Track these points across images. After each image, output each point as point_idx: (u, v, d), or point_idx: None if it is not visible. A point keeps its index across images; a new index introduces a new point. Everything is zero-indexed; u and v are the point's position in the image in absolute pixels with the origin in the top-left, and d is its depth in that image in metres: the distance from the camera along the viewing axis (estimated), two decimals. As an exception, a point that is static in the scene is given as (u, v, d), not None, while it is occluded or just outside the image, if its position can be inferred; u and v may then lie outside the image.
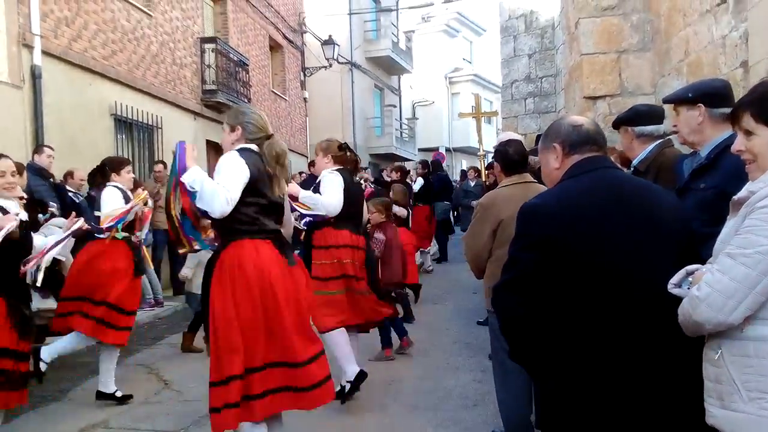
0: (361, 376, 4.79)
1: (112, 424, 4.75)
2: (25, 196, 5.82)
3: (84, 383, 5.72)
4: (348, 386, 4.79)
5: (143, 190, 5.42)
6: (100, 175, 5.54)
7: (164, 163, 9.71)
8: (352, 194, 4.95)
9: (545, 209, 2.14)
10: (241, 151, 3.35)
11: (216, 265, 3.30)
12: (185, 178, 3.24)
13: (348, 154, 5.05)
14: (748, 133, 1.91)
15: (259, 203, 3.34)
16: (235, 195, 3.18)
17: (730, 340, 1.81)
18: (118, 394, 5.11)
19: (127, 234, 5.15)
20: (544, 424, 2.21)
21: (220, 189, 3.14)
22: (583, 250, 2.05)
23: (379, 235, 6.39)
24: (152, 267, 8.56)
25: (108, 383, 5.10)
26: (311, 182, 5.16)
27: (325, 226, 4.84)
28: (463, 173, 18.68)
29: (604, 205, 2.11)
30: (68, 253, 4.77)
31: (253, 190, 3.29)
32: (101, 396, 5.08)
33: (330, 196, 4.74)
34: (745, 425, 1.75)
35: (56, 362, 5.09)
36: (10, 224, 3.54)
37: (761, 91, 1.95)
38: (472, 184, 12.73)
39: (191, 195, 3.25)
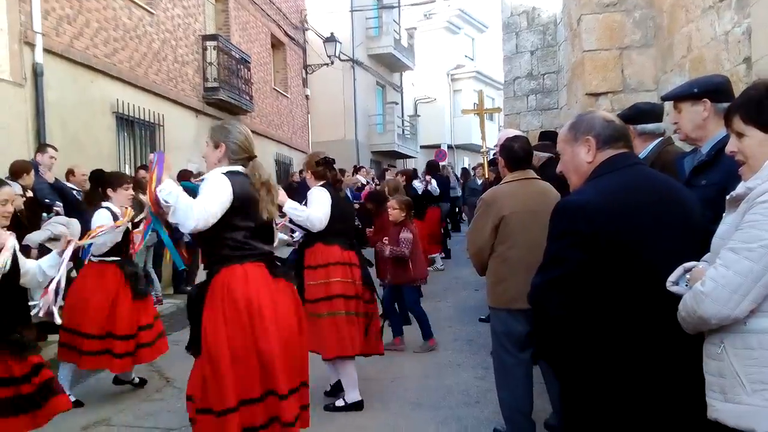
0: (359, 405, 4.79)
1: (115, 421, 4.76)
2: (30, 194, 5.86)
3: (86, 381, 5.73)
4: (342, 402, 4.81)
5: (130, 208, 5.22)
6: (97, 191, 5.37)
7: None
8: (341, 210, 4.89)
9: (592, 205, 2.11)
10: (229, 173, 3.27)
11: (207, 290, 3.23)
12: (160, 192, 3.14)
13: (329, 171, 4.94)
14: (740, 135, 1.96)
15: (248, 227, 3.27)
16: (211, 213, 3.10)
17: (732, 333, 1.83)
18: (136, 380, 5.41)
19: (117, 258, 5.07)
20: (571, 426, 2.20)
21: (195, 205, 3.07)
22: (634, 246, 2.06)
23: (405, 234, 6.41)
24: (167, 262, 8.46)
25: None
26: (306, 186, 5.11)
27: (316, 243, 4.78)
28: (465, 171, 18.64)
29: (644, 201, 2.13)
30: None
31: (241, 213, 3.22)
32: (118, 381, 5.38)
33: (316, 210, 4.68)
34: (750, 417, 1.77)
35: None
36: (6, 254, 3.41)
37: (750, 94, 1.99)
38: (479, 182, 12.66)
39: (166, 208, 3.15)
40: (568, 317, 2.09)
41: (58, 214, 6.70)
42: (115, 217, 5.01)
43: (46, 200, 6.92)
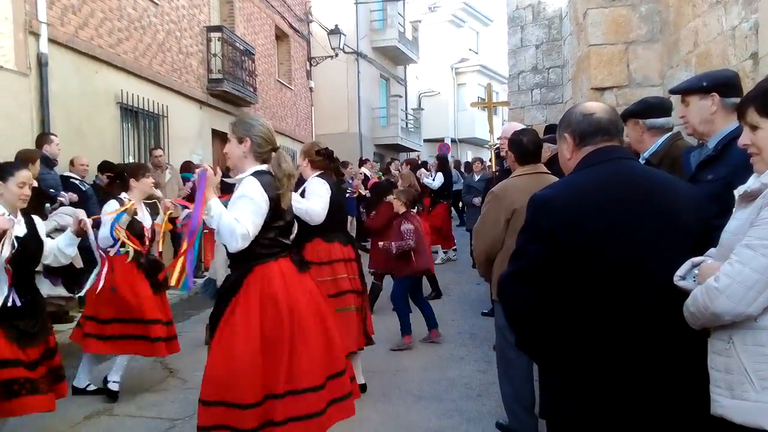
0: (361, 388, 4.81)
1: (117, 411, 4.78)
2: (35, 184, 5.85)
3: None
4: None
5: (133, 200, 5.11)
6: (118, 182, 5.36)
7: (163, 150, 9.77)
8: (339, 201, 4.87)
9: (554, 201, 2.12)
10: (258, 175, 3.30)
11: (240, 289, 3.23)
12: (205, 215, 3.19)
13: (328, 161, 4.90)
14: (754, 128, 1.94)
15: (279, 226, 3.34)
16: (253, 231, 3.16)
17: (742, 330, 1.81)
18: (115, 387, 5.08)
19: (133, 249, 4.94)
20: (547, 413, 2.21)
21: (238, 226, 3.11)
22: (590, 245, 2.04)
23: (407, 225, 6.41)
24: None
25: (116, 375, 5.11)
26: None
27: (315, 237, 4.70)
28: (468, 165, 18.39)
29: (616, 198, 2.08)
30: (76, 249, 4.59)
31: (272, 215, 3.27)
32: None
33: (316, 203, 4.62)
34: (758, 414, 1.76)
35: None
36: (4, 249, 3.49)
37: (765, 86, 1.98)
38: (477, 178, 11.50)
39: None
40: (535, 308, 2.10)
41: (62, 204, 6.71)
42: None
43: (51, 191, 6.94)
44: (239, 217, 3.14)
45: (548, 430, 2.26)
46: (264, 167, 3.37)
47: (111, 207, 4.93)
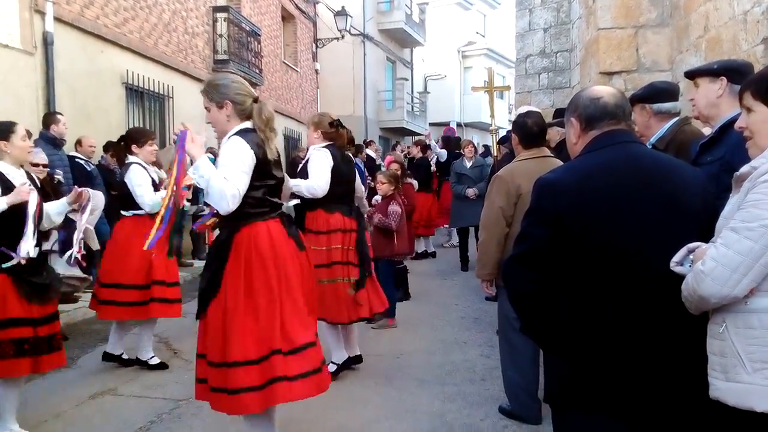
0: (348, 362, 4.87)
1: (122, 391, 4.80)
2: (46, 162, 5.85)
3: (94, 350, 5.78)
4: (333, 367, 4.79)
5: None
6: (123, 149, 5.38)
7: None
8: (343, 172, 4.83)
9: (559, 184, 2.12)
10: (242, 133, 3.22)
11: (231, 248, 3.21)
12: (192, 173, 3.14)
13: (340, 130, 4.89)
14: (749, 110, 1.98)
15: (267, 184, 3.28)
16: (242, 189, 3.12)
17: (734, 313, 1.85)
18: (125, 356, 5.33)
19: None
20: (552, 397, 2.21)
21: (227, 186, 3.06)
22: (595, 228, 2.03)
23: (394, 207, 6.38)
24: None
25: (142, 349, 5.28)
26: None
27: (318, 208, 4.74)
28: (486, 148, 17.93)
29: (621, 182, 2.07)
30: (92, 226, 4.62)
31: (260, 172, 3.21)
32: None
33: (315, 178, 4.62)
34: (750, 395, 1.79)
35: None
36: (31, 197, 3.66)
37: (763, 72, 2.04)
38: (468, 165, 9.95)
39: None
40: (538, 291, 2.11)
41: (60, 183, 6.68)
42: (148, 172, 5.10)
43: (57, 171, 6.90)
44: (228, 176, 3.09)
45: (553, 414, 2.26)
46: (248, 124, 3.30)
47: (137, 173, 5.01)
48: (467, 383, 4.88)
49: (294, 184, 4.63)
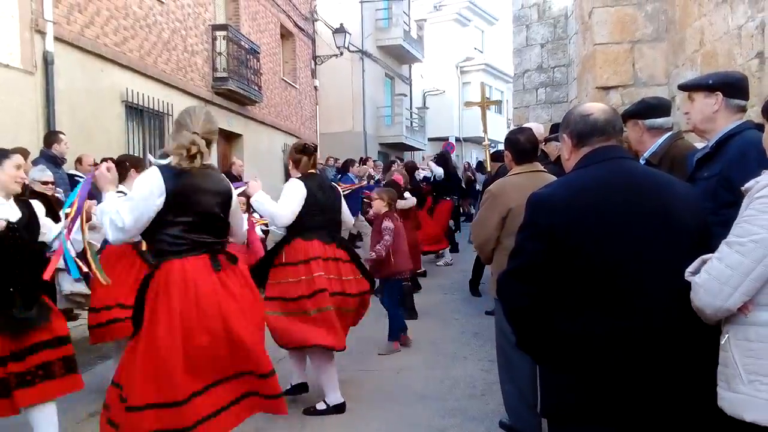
0: (341, 407, 4.61)
1: (122, 408, 4.78)
2: (52, 180, 5.87)
3: (93, 368, 5.77)
4: (324, 406, 4.62)
5: None
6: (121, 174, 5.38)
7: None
8: (321, 202, 4.58)
9: (552, 199, 2.14)
10: (162, 167, 3.15)
11: (150, 284, 3.15)
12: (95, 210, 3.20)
13: (304, 157, 4.66)
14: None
15: (185, 221, 3.13)
16: (126, 221, 3.04)
17: (735, 325, 1.91)
18: None
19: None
20: (548, 412, 2.21)
21: (111, 218, 3.05)
22: (588, 243, 2.05)
23: (387, 224, 6.31)
24: None
25: None
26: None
27: (296, 237, 4.52)
28: (481, 165, 17.84)
29: (613, 197, 2.09)
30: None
31: (174, 209, 3.10)
32: None
33: (279, 207, 4.48)
34: (743, 406, 1.85)
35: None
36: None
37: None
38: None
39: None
40: (532, 306, 2.12)
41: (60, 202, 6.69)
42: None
43: (58, 189, 6.92)
44: (120, 209, 3.05)
45: (549, 429, 2.26)
46: (168, 160, 3.25)
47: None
48: (467, 398, 4.87)
49: (260, 201, 4.52)
